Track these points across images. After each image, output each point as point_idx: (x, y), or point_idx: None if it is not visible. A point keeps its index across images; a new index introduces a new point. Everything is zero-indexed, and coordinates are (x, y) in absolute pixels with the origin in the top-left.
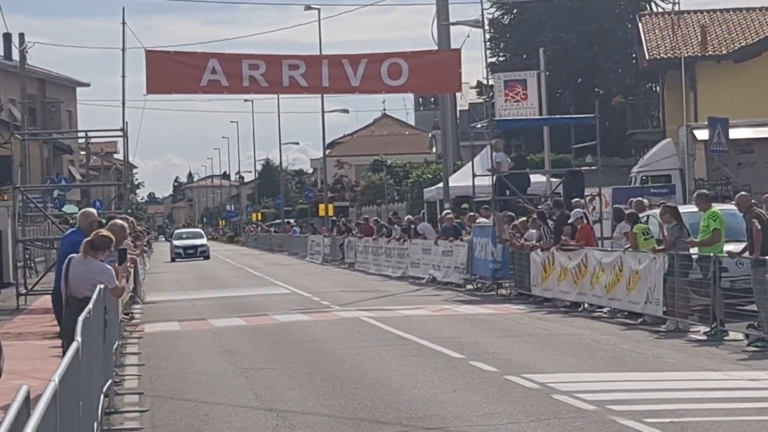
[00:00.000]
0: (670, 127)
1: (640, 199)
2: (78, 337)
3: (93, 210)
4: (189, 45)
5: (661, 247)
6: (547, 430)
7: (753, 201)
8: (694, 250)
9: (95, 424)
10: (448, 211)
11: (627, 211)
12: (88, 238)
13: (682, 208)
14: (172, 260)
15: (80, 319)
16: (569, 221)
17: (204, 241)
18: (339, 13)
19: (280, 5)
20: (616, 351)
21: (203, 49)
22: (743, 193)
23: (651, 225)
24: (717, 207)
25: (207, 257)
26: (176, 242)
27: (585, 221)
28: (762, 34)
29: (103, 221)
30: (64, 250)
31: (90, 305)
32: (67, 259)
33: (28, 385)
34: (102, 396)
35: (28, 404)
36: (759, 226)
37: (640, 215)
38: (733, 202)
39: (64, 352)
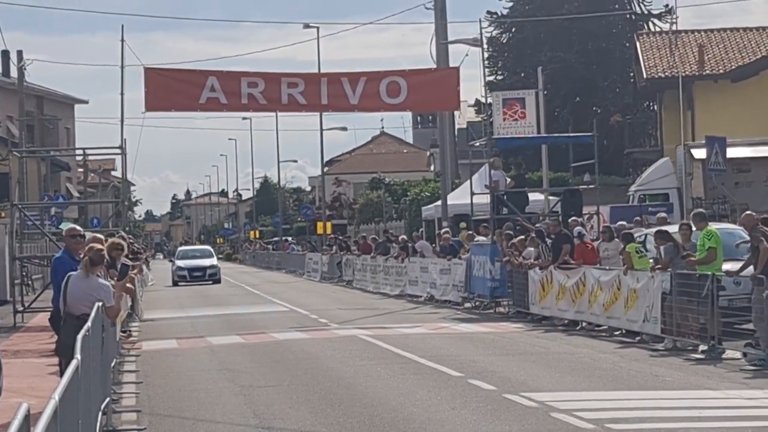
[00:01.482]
0: (668, 146)
1: (638, 218)
2: (77, 355)
3: (72, 225)
4: (188, 62)
5: (659, 266)
6: None
7: (758, 218)
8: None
9: None
10: (446, 229)
11: (622, 231)
12: (87, 256)
13: (673, 228)
14: (175, 284)
15: (79, 336)
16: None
17: (214, 261)
18: (338, 32)
19: (279, 23)
20: (614, 369)
21: (202, 67)
22: (749, 212)
23: (648, 243)
24: (715, 226)
25: (217, 281)
26: (180, 262)
27: (582, 240)
28: (759, 53)
29: (83, 232)
30: (56, 275)
31: (89, 323)
32: (66, 277)
33: (27, 403)
34: (100, 414)
35: (28, 422)
36: (767, 245)
37: (636, 234)
38: (738, 221)
39: (60, 370)
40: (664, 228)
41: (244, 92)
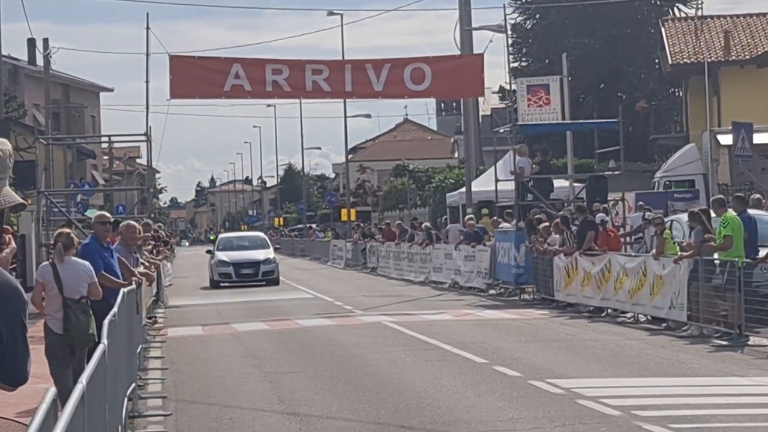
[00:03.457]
0: (694, 132)
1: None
2: (104, 340)
3: (102, 212)
4: (212, 50)
5: (689, 253)
6: None
7: None
8: (716, 255)
9: (119, 428)
10: (471, 216)
11: (654, 218)
12: (59, 242)
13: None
14: (215, 285)
15: (106, 321)
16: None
17: (270, 253)
18: (361, 19)
19: (303, 11)
20: (640, 356)
21: (226, 55)
22: None
23: (675, 230)
24: (751, 212)
25: (274, 281)
26: (222, 255)
27: (606, 227)
28: None
29: (112, 219)
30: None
31: (115, 308)
32: (43, 269)
33: (54, 388)
34: (126, 400)
35: (56, 407)
36: None
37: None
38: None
39: (71, 353)
40: (697, 210)
41: (269, 79)
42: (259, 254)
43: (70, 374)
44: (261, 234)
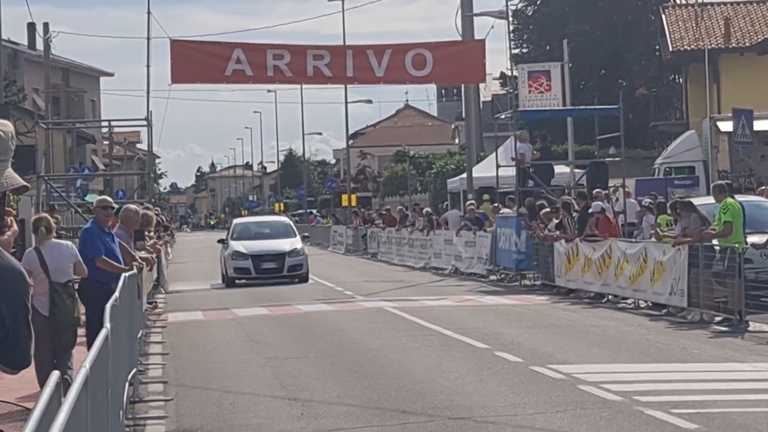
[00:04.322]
0: (694, 119)
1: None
2: (107, 324)
3: (104, 197)
4: (213, 35)
5: (690, 239)
6: (574, 420)
7: None
8: (716, 242)
9: (120, 413)
10: (472, 201)
11: (657, 202)
12: (41, 226)
13: (701, 200)
14: (230, 283)
15: (108, 306)
16: (589, 211)
17: (297, 242)
18: (363, 4)
19: None
20: (641, 342)
21: (227, 39)
22: None
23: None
24: (742, 198)
25: (304, 278)
26: (238, 245)
27: (605, 214)
28: None
29: (114, 204)
30: (84, 246)
31: (116, 293)
32: (28, 254)
33: (57, 372)
34: (127, 384)
35: (59, 391)
36: None
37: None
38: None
39: (54, 334)
40: (687, 199)
41: (270, 64)
42: (283, 244)
43: (51, 355)
44: (285, 219)
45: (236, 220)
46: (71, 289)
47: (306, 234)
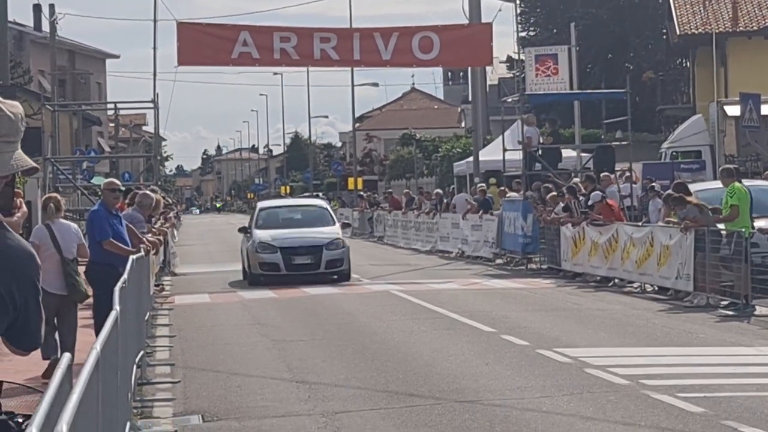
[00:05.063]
0: (701, 103)
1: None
2: (116, 306)
3: (111, 179)
4: (220, 17)
5: (695, 224)
6: (581, 404)
7: None
8: (723, 226)
9: (129, 395)
10: (482, 183)
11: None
12: (50, 204)
13: (707, 185)
14: (253, 281)
15: (117, 288)
16: (590, 203)
17: (336, 231)
18: None
19: None
20: (647, 326)
21: (234, 22)
22: None
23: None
24: (749, 183)
25: (345, 275)
26: (265, 235)
27: (607, 199)
28: None
29: (122, 186)
30: (91, 228)
31: (125, 275)
32: (38, 229)
33: (69, 354)
34: (135, 366)
35: (70, 373)
36: None
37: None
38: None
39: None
40: (676, 194)
41: (277, 47)
42: (320, 234)
43: (53, 332)
44: (321, 203)
45: (261, 204)
46: (75, 266)
47: (347, 221)
